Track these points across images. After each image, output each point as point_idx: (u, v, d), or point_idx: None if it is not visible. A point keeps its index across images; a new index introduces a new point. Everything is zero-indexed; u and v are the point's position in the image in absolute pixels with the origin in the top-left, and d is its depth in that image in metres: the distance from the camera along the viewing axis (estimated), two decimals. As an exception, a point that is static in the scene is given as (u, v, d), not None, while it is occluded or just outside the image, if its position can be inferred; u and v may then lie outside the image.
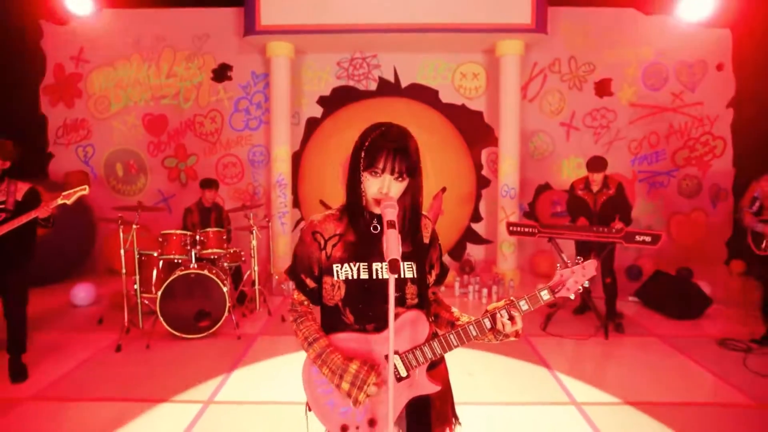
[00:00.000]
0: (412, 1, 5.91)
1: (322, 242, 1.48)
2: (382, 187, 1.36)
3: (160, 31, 6.83)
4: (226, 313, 4.42)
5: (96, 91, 6.93)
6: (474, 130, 7.01)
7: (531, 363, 3.93)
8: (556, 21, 6.63)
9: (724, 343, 4.28)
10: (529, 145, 6.99)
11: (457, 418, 1.63)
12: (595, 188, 4.72)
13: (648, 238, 4.28)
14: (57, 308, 5.36)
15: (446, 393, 1.56)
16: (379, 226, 1.47)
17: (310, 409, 1.51)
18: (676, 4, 6.60)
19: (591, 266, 1.49)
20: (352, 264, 1.45)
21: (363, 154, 1.37)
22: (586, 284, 1.52)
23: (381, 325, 1.43)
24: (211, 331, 4.42)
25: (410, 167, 1.37)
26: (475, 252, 7.16)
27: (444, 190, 6.41)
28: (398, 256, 1.20)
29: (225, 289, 4.41)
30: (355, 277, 1.45)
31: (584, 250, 4.83)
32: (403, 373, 1.43)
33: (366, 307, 1.45)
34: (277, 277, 5.96)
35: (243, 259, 5.19)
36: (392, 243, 1.23)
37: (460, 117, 6.99)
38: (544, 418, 3.10)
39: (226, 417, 3.09)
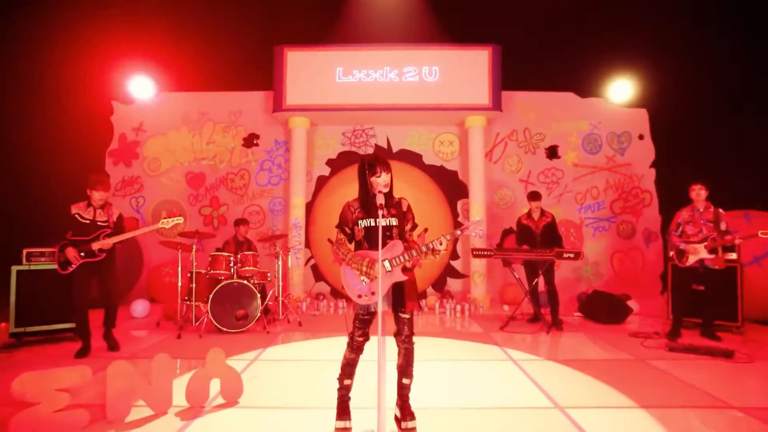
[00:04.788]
0: (400, 87, 7.89)
1: (353, 210, 3.05)
2: (384, 179, 2.95)
3: (204, 108, 8.74)
4: (258, 315, 5.84)
5: (150, 154, 8.70)
6: (450, 185, 8.75)
7: (487, 344, 5.34)
8: (512, 102, 8.60)
9: (635, 334, 5.70)
10: (495, 197, 8.70)
11: (420, 306, 3.12)
12: (535, 216, 6.36)
13: (572, 255, 5.84)
14: (120, 319, 6.66)
15: (413, 285, 3.06)
16: (377, 201, 3.04)
17: (343, 288, 3.01)
18: (604, 90, 8.64)
19: (482, 222, 3.09)
20: (365, 219, 3.01)
21: (367, 169, 2.98)
22: (481, 232, 3.13)
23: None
24: (246, 327, 5.80)
25: (389, 167, 2.99)
26: (454, 284, 8.63)
27: (426, 230, 7.98)
28: (383, 202, 2.79)
29: (258, 296, 5.86)
30: (368, 225, 3.01)
31: (530, 267, 6.38)
32: (389, 268, 2.95)
33: (372, 239, 3.00)
34: (291, 297, 7.37)
35: (268, 278, 6.65)
36: (379, 198, 2.82)
37: (439, 175, 8.76)
38: (489, 367, 4.48)
39: (268, 367, 4.46)
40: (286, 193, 8.57)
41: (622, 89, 8.59)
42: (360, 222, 3.01)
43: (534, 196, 6.44)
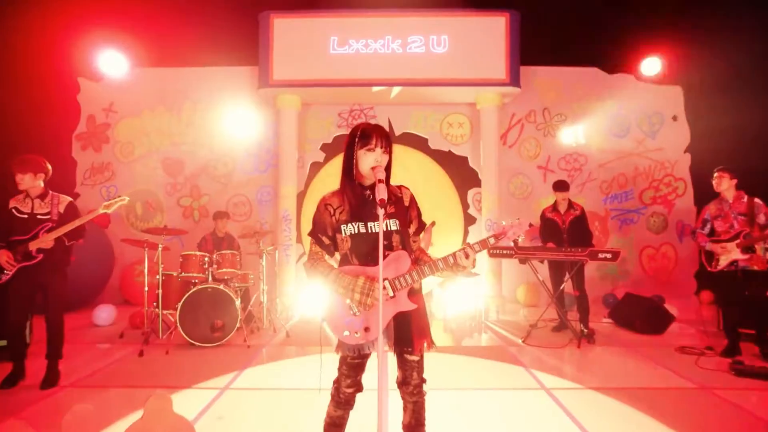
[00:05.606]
0: (403, 60, 6.90)
1: (332, 210, 2.12)
2: (377, 157, 2.03)
3: (183, 86, 7.76)
4: (237, 325, 4.94)
5: (122, 138, 7.75)
6: (460, 173, 7.80)
7: (509, 363, 4.44)
8: (530, 78, 7.60)
9: (683, 350, 4.80)
10: (509, 186, 7.75)
11: (433, 341, 2.19)
12: (562, 209, 5.45)
13: (609, 255, 4.92)
14: (80, 327, 5.82)
15: (423, 313, 2.15)
16: (371, 194, 2.10)
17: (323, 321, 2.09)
18: (633, 65, 7.64)
19: (524, 224, 2.14)
20: (353, 223, 2.08)
21: (358, 139, 2.05)
22: (521, 238, 2.17)
23: (377, 264, 2.00)
24: (223, 341, 4.91)
25: (390, 144, 2.06)
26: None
27: (433, 224, 7.12)
28: (385, 197, 1.86)
29: (237, 303, 4.96)
30: (356, 231, 2.08)
31: (556, 268, 5.47)
32: (391, 294, 2.03)
33: (365, 251, 2.07)
34: (280, 304, 6.47)
35: (251, 281, 5.75)
36: (381, 190, 1.88)
37: (447, 161, 7.81)
38: (518, 399, 3.59)
39: (241, 400, 3.56)
40: (275, 182, 7.62)
41: (653, 64, 7.56)
42: (344, 228, 2.08)
43: (560, 187, 5.53)
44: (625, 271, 7.68)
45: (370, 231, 2.07)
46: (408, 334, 2.09)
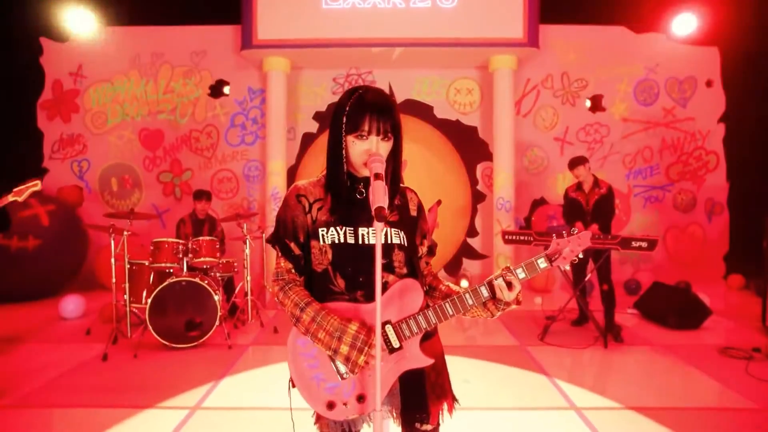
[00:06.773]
0: (406, 16, 6.07)
1: (307, 205, 1.43)
2: (371, 149, 1.34)
3: (158, 47, 6.95)
4: (217, 323, 4.33)
5: (93, 107, 6.99)
6: (468, 145, 7.07)
7: (529, 371, 3.84)
8: (548, 38, 6.77)
9: (726, 351, 4.21)
10: (523, 160, 7.03)
11: (455, 400, 1.55)
12: (586, 187, 4.76)
13: (644, 244, 4.27)
14: (45, 321, 5.26)
15: (441, 366, 1.50)
16: (365, 191, 1.42)
17: (294, 386, 1.44)
18: (664, 23, 6.78)
19: (586, 236, 1.47)
20: (338, 228, 1.40)
21: (345, 119, 1.35)
22: (581, 255, 1.50)
23: (371, 292, 1.33)
24: (201, 341, 4.31)
25: (394, 125, 1.36)
26: (471, 267, 7.10)
27: (439, 202, 6.42)
28: (384, 205, 1.18)
29: (216, 298, 4.33)
30: (342, 241, 1.40)
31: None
32: (396, 345, 1.37)
33: (355, 271, 1.40)
34: (270, 290, 5.87)
35: (236, 269, 5.12)
36: (379, 192, 1.20)
37: (454, 132, 7.06)
38: (543, 422, 3.00)
39: (213, 423, 2.98)
40: (263, 155, 6.90)
41: (687, 22, 6.69)
42: (323, 233, 1.40)
43: (574, 162, 4.76)
44: (648, 254, 7.03)
45: (361, 242, 1.40)
46: (420, 397, 1.44)
